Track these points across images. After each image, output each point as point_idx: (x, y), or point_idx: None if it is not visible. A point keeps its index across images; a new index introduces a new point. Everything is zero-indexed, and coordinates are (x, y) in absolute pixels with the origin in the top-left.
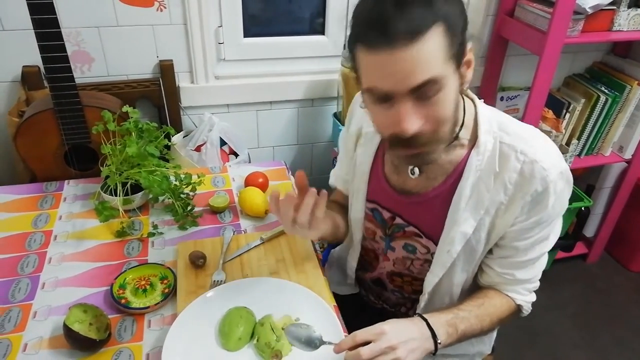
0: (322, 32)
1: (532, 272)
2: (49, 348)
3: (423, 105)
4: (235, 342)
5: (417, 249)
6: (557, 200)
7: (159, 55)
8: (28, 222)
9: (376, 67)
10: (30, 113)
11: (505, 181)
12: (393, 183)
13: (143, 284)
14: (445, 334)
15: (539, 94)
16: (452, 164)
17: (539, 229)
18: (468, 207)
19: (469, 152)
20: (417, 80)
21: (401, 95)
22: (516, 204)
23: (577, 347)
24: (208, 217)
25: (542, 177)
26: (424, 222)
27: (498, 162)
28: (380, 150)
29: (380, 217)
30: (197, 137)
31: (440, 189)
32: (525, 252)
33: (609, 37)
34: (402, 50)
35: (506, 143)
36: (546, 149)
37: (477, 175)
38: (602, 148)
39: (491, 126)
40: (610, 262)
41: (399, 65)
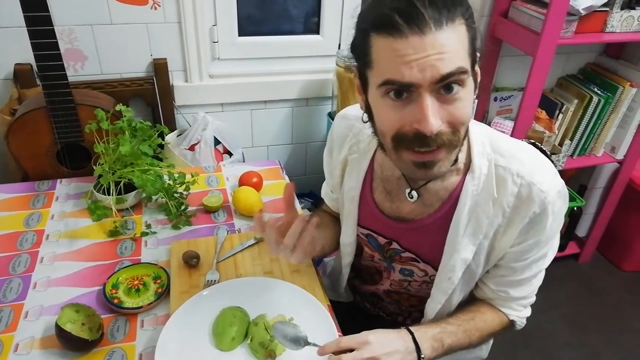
0: (317, 32)
1: (527, 289)
2: (40, 348)
3: (444, 102)
4: (229, 342)
5: (415, 273)
6: (554, 219)
7: (152, 53)
8: (20, 221)
9: (400, 55)
10: (22, 111)
11: (504, 205)
12: (386, 210)
13: (136, 283)
14: (430, 348)
15: (533, 95)
16: (447, 190)
17: (537, 249)
18: (467, 233)
19: (464, 177)
20: (446, 68)
21: (425, 87)
22: (514, 227)
23: (570, 346)
24: (202, 216)
25: (540, 199)
26: (421, 247)
27: (496, 187)
28: (368, 175)
29: (376, 243)
30: (191, 136)
31: (436, 215)
32: (522, 271)
33: (602, 39)
34: (433, 36)
35: (501, 166)
36: (542, 169)
37: (474, 201)
38: (594, 149)
39: (484, 148)
40: (603, 262)
41: (428, 51)
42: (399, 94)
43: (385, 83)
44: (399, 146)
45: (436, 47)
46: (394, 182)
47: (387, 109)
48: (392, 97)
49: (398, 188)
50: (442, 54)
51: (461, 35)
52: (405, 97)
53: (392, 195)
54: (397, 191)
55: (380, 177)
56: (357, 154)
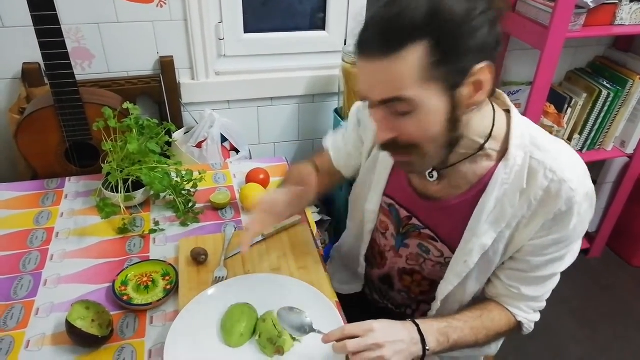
0: (322, 28)
1: (539, 290)
2: (51, 344)
3: (395, 118)
4: (237, 338)
5: (431, 251)
6: (579, 221)
7: (159, 51)
8: (30, 219)
9: (358, 72)
10: (30, 110)
11: (531, 198)
12: (415, 185)
13: (145, 280)
14: (435, 342)
15: (541, 89)
16: (477, 175)
17: (556, 247)
18: (489, 220)
19: (497, 164)
20: (382, 95)
21: (374, 104)
22: (538, 220)
23: (579, 342)
24: (209, 213)
25: (568, 197)
26: (442, 227)
27: (526, 178)
28: None
29: (397, 214)
30: (198, 133)
31: (462, 197)
32: (538, 268)
33: (611, 32)
34: (375, 63)
35: (536, 159)
36: (576, 169)
37: (502, 189)
38: (604, 143)
39: (523, 140)
40: (612, 257)
41: (370, 76)
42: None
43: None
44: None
45: (377, 74)
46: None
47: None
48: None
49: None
50: (382, 81)
51: (415, 61)
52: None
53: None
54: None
55: None
56: None
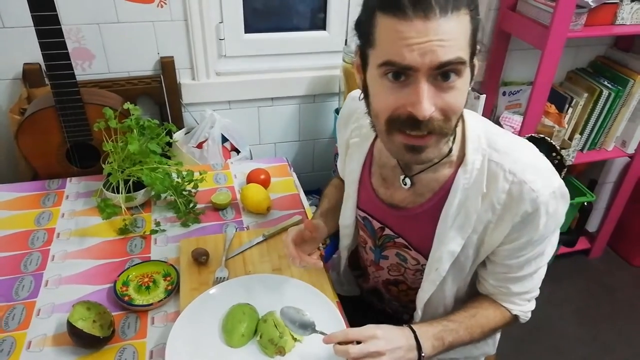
0: (323, 28)
1: (529, 284)
2: (52, 345)
3: (439, 89)
4: (239, 339)
5: (408, 260)
6: (549, 219)
7: (159, 51)
8: (31, 220)
9: (403, 37)
10: (31, 111)
11: (494, 202)
12: (381, 195)
13: (146, 281)
14: (430, 347)
15: (542, 89)
16: (438, 183)
17: (531, 247)
18: (455, 226)
19: (456, 170)
20: (445, 56)
21: (423, 72)
22: (505, 224)
23: (580, 342)
24: (210, 214)
25: (531, 198)
26: (412, 236)
27: (486, 182)
28: (367, 160)
29: (371, 227)
30: (199, 134)
31: (426, 205)
32: (520, 268)
33: (612, 31)
34: (436, 21)
35: (495, 161)
36: (536, 167)
37: (464, 194)
38: (605, 143)
39: (480, 143)
40: (613, 257)
41: (430, 36)
42: (397, 76)
43: (385, 64)
44: (392, 128)
45: (439, 34)
46: (390, 169)
47: (384, 89)
48: (390, 78)
49: (393, 175)
50: (444, 41)
51: (464, 25)
52: (403, 80)
53: (388, 182)
54: (392, 178)
55: (378, 162)
56: (359, 138)
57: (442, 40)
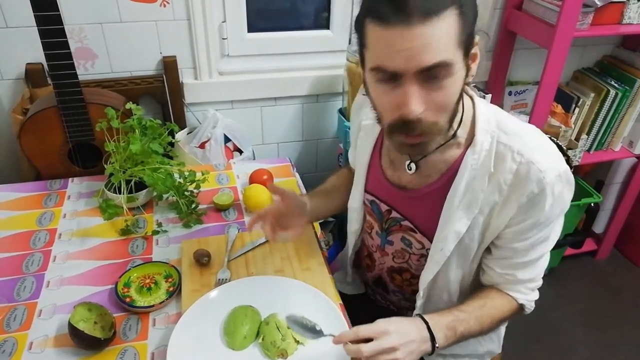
0: (327, 27)
1: (533, 271)
2: (54, 346)
3: (428, 89)
4: (241, 341)
5: (413, 244)
6: (555, 202)
7: (162, 51)
8: (32, 220)
9: (387, 44)
10: (34, 111)
11: (500, 182)
12: (389, 177)
13: (148, 282)
14: (443, 337)
15: (548, 89)
16: (446, 164)
17: (537, 230)
18: (461, 206)
19: (465, 151)
20: (429, 61)
21: (409, 75)
22: (511, 204)
23: (586, 344)
24: (212, 214)
25: (538, 179)
26: (418, 217)
27: (493, 162)
28: (378, 142)
29: (378, 210)
30: (201, 134)
31: (433, 186)
32: (525, 252)
33: (619, 30)
34: (418, 27)
35: (503, 142)
36: (544, 150)
37: (472, 175)
38: (612, 143)
39: (489, 125)
40: (620, 259)
41: (413, 43)
42: (389, 79)
43: (375, 69)
44: (393, 129)
45: (421, 39)
46: (397, 153)
47: (379, 92)
48: (382, 81)
49: (400, 158)
50: (427, 46)
51: (450, 25)
52: (394, 82)
53: (395, 164)
54: (398, 161)
55: (387, 145)
56: (371, 121)
57: (425, 45)
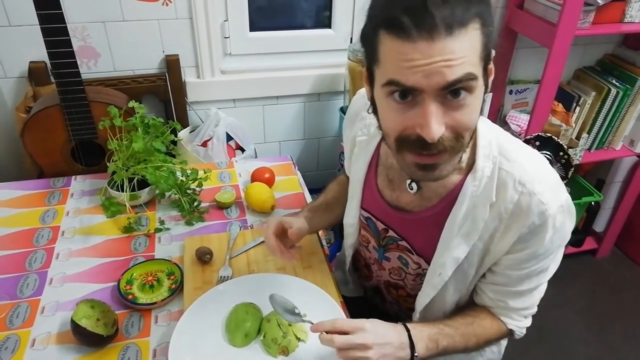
0: (328, 26)
1: (527, 301)
2: (57, 343)
3: (448, 108)
4: (242, 338)
5: (409, 264)
6: (555, 234)
7: (164, 50)
8: (36, 218)
9: (406, 59)
10: (37, 109)
11: (501, 211)
12: (386, 197)
13: (150, 279)
14: (424, 348)
15: (549, 87)
16: (446, 188)
17: (535, 261)
18: (461, 233)
19: (465, 176)
20: (453, 75)
21: (430, 93)
22: (512, 233)
23: (587, 342)
24: (214, 212)
25: (540, 211)
26: (416, 240)
27: (495, 190)
28: (373, 160)
29: (374, 227)
30: (204, 132)
31: (432, 211)
32: (520, 282)
33: (620, 29)
34: (442, 42)
35: (505, 169)
36: (546, 180)
37: (472, 202)
38: (612, 142)
39: (491, 150)
40: (621, 257)
41: (435, 57)
42: (404, 96)
43: (389, 83)
44: (401, 148)
45: (445, 54)
46: (396, 172)
47: (391, 110)
48: (396, 98)
49: (399, 178)
50: (451, 61)
51: (474, 40)
52: (410, 100)
53: (394, 183)
54: (398, 181)
55: (385, 164)
56: (366, 137)
57: (448, 60)
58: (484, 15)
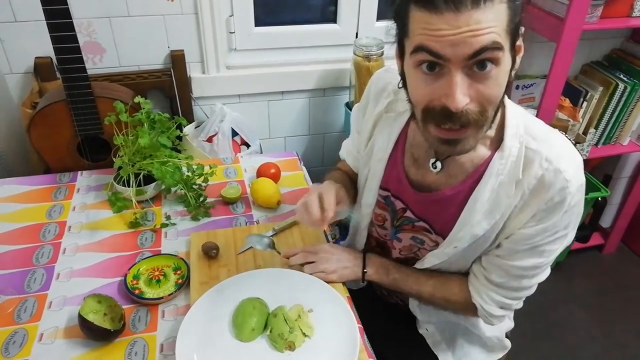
0: (334, 21)
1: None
2: (64, 338)
3: (474, 80)
4: (249, 333)
5: (426, 242)
6: (567, 212)
7: (170, 45)
8: (42, 213)
9: (434, 29)
10: (43, 104)
11: (524, 187)
12: (411, 176)
13: (157, 274)
14: (374, 270)
15: (556, 82)
16: (473, 164)
17: (542, 237)
18: (483, 211)
19: (492, 154)
20: (479, 44)
21: (455, 63)
22: (530, 209)
23: (593, 338)
24: (220, 208)
25: (562, 187)
26: (436, 219)
27: (522, 169)
28: (400, 139)
29: (392, 206)
30: (209, 127)
31: (458, 188)
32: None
33: (629, 23)
34: (468, 13)
35: (532, 149)
36: (572, 160)
37: (498, 180)
38: (620, 137)
39: (518, 129)
40: (627, 253)
41: (462, 28)
42: (432, 67)
43: (417, 49)
44: (427, 119)
45: (470, 25)
46: (423, 150)
47: (419, 80)
48: (424, 69)
49: (425, 156)
50: (477, 31)
51: (500, 13)
52: (437, 71)
53: (419, 162)
54: (423, 159)
55: (412, 142)
56: (394, 113)
57: (475, 31)
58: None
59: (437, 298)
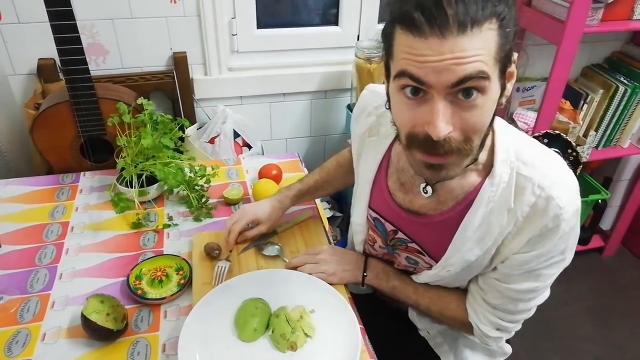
0: (335, 23)
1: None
2: (67, 337)
3: (459, 108)
4: (251, 333)
5: (420, 263)
6: (562, 238)
7: (172, 47)
8: (45, 214)
9: (417, 54)
10: (46, 105)
11: (517, 214)
12: (398, 200)
13: (159, 274)
14: (374, 275)
15: (557, 85)
16: (463, 191)
17: (537, 262)
18: (474, 238)
19: (483, 180)
20: (463, 72)
21: (439, 90)
22: (524, 236)
23: (593, 340)
24: (222, 208)
25: (555, 214)
26: (428, 242)
27: (514, 196)
28: (384, 162)
29: (382, 228)
30: (211, 129)
31: (447, 214)
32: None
33: (629, 26)
34: (454, 40)
35: (523, 175)
36: (566, 185)
37: (488, 207)
38: (620, 140)
39: (509, 155)
40: (627, 256)
41: (445, 55)
42: (415, 92)
43: (400, 74)
44: (412, 145)
45: (455, 52)
46: (409, 175)
47: (402, 104)
48: (407, 94)
49: (412, 181)
50: (461, 59)
51: (488, 41)
52: (421, 96)
53: (406, 187)
54: (411, 184)
55: (396, 166)
56: (377, 137)
57: (459, 59)
58: (503, 15)
59: (433, 311)
